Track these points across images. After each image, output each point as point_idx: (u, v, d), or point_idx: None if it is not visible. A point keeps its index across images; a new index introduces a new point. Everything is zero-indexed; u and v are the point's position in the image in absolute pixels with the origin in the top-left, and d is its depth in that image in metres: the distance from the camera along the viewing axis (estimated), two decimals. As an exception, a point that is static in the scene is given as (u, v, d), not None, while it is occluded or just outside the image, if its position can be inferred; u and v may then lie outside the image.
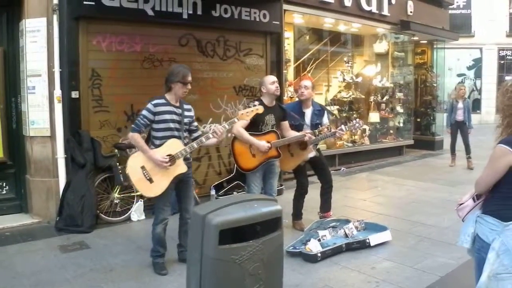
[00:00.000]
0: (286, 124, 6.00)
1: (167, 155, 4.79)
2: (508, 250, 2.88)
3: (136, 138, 4.83)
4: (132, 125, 4.94)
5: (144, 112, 4.84)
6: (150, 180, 4.82)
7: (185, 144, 4.92)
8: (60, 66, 6.63)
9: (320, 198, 6.69)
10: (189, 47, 7.97)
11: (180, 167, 4.90)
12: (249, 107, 5.28)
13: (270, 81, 5.78)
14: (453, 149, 11.94)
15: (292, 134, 5.99)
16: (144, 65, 7.43)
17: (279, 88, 5.83)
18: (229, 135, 5.48)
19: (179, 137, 4.91)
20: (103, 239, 6.18)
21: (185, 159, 4.98)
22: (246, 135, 5.56)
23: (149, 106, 4.83)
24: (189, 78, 4.95)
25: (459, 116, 11.59)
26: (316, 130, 6.13)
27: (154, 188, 4.85)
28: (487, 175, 3.01)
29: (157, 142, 4.88)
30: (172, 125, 4.87)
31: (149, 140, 4.96)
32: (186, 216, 5.11)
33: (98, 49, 6.97)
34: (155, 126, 4.86)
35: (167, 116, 4.85)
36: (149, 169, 4.81)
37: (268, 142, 5.63)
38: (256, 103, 5.46)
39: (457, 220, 3.29)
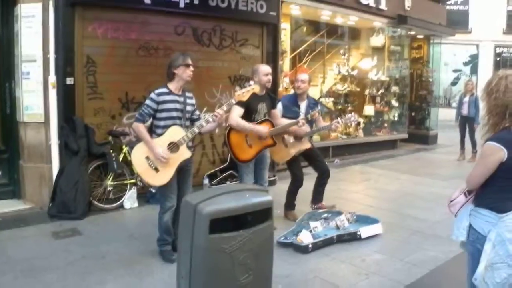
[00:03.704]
0: (276, 112, 6.01)
1: (169, 143, 4.81)
2: (503, 240, 2.93)
3: (140, 128, 4.84)
4: (136, 115, 4.96)
5: (147, 101, 4.85)
6: (156, 169, 4.83)
7: (187, 131, 4.93)
8: (55, 52, 6.59)
9: (314, 189, 6.71)
10: (185, 35, 7.97)
11: (184, 153, 4.92)
12: (244, 87, 5.26)
13: (265, 72, 5.76)
14: (461, 144, 12.06)
15: (284, 121, 6.01)
16: (140, 52, 7.42)
17: (271, 80, 5.83)
18: (224, 124, 5.48)
19: (181, 126, 4.93)
20: (95, 226, 6.19)
21: (188, 147, 5.00)
22: (244, 123, 5.57)
23: (152, 95, 4.84)
24: (190, 61, 4.96)
25: (464, 110, 11.72)
26: (308, 115, 6.12)
27: (160, 177, 4.86)
28: (478, 172, 3.04)
29: (159, 131, 4.89)
30: (174, 114, 4.89)
31: (151, 129, 4.97)
32: None
33: (94, 35, 6.95)
34: (158, 115, 4.86)
35: (170, 105, 4.86)
36: (154, 159, 4.81)
37: None
38: (251, 82, 5.44)
39: (449, 215, 3.32)
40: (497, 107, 2.97)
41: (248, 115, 5.62)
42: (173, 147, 4.82)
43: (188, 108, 5.03)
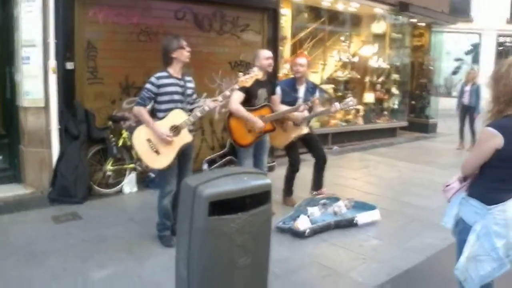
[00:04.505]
0: (276, 98, 6.03)
1: (171, 126, 4.83)
2: (488, 233, 2.92)
3: (141, 111, 4.87)
4: (137, 99, 4.97)
5: (147, 85, 4.87)
6: (157, 152, 4.86)
7: (189, 115, 4.96)
8: (56, 37, 6.56)
9: (313, 175, 6.74)
10: (186, 20, 7.95)
11: (186, 137, 4.94)
12: (248, 73, 5.28)
13: (265, 56, 5.80)
14: (460, 133, 12.07)
15: (283, 107, 6.03)
16: (140, 37, 7.41)
17: (272, 64, 5.86)
18: (223, 110, 5.51)
19: (182, 109, 4.94)
20: (95, 210, 6.23)
21: (189, 130, 5.03)
22: (243, 111, 5.60)
23: (152, 79, 4.86)
24: (184, 42, 4.97)
25: (465, 99, 11.72)
26: (309, 102, 6.15)
27: (161, 160, 4.89)
28: (473, 157, 3.04)
29: (161, 114, 4.91)
30: (176, 97, 4.91)
31: (153, 113, 4.98)
32: None
33: (94, 20, 6.94)
34: (159, 98, 4.88)
35: (171, 88, 4.88)
36: (155, 141, 4.85)
37: (263, 116, 5.71)
38: (255, 69, 5.45)
39: (446, 202, 3.34)
40: (505, 94, 2.91)
41: (248, 100, 5.65)
42: (175, 130, 4.84)
43: (188, 91, 5.05)
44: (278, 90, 6.25)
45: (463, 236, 3.06)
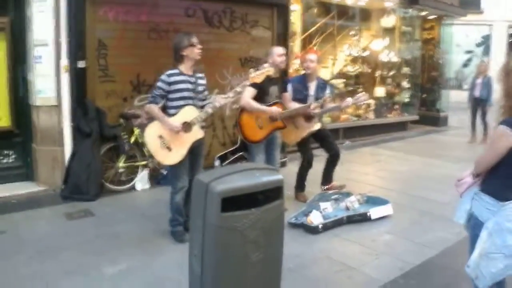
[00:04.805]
0: (287, 95, 6.05)
1: (183, 123, 4.86)
2: (501, 230, 2.89)
3: (153, 108, 4.91)
4: (148, 97, 5.02)
5: (159, 83, 4.90)
6: (169, 148, 4.90)
7: (200, 111, 4.98)
8: (67, 36, 6.63)
9: (324, 171, 6.74)
10: (196, 18, 7.96)
11: (197, 133, 4.98)
12: (259, 69, 5.30)
13: (279, 53, 5.81)
14: (472, 126, 12.01)
15: (294, 105, 6.03)
16: (151, 35, 7.43)
17: (285, 61, 5.87)
18: (234, 106, 5.52)
19: (193, 106, 4.97)
20: (107, 207, 6.27)
21: (201, 127, 5.06)
22: (256, 104, 5.61)
23: (163, 77, 4.89)
24: (195, 39, 4.98)
25: (476, 92, 11.66)
26: (320, 100, 6.15)
27: (172, 156, 4.93)
28: (487, 155, 3.00)
29: (172, 111, 4.94)
30: (186, 94, 4.93)
31: (164, 111, 5.00)
32: None
33: (105, 19, 6.97)
34: (170, 96, 4.91)
35: (182, 86, 4.90)
36: (167, 138, 4.88)
37: None
38: (266, 65, 5.45)
39: (459, 196, 3.32)
40: None
41: (260, 97, 5.64)
42: (186, 126, 4.87)
43: (199, 88, 5.07)
44: (289, 87, 6.26)
45: (475, 231, 3.05)
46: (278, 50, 5.89)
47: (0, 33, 6.68)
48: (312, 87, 6.44)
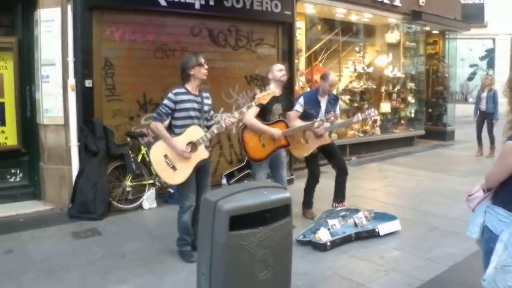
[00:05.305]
0: (291, 113, 6.06)
1: (188, 143, 4.86)
2: None
3: (158, 127, 4.90)
4: (154, 115, 5.03)
5: (165, 101, 4.91)
6: (174, 168, 4.89)
7: (206, 131, 4.99)
8: (74, 55, 6.70)
9: (335, 187, 6.69)
10: (201, 36, 8.01)
11: (203, 153, 4.99)
12: (265, 90, 5.32)
13: (278, 68, 5.87)
14: (479, 140, 11.99)
15: (298, 123, 6.05)
16: (157, 54, 7.49)
17: (285, 75, 5.91)
18: (239, 124, 5.54)
19: (199, 125, 4.98)
20: (115, 226, 6.27)
21: (206, 146, 5.07)
22: (258, 124, 5.62)
23: (170, 95, 4.90)
24: (202, 59, 5.01)
25: (482, 105, 11.68)
26: (324, 118, 6.15)
27: (177, 176, 4.92)
28: (496, 171, 2.97)
29: (177, 130, 4.94)
30: (192, 113, 4.94)
31: (169, 129, 5.01)
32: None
33: (111, 38, 7.04)
34: (176, 114, 4.92)
35: (188, 105, 4.91)
36: (172, 157, 4.88)
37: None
38: (272, 86, 5.51)
39: (467, 211, 3.30)
40: None
41: (263, 115, 5.66)
42: (192, 146, 4.87)
43: (206, 108, 5.08)
44: (301, 100, 6.33)
45: (489, 244, 3.01)
46: (278, 65, 5.96)
47: (8, 53, 6.77)
48: (323, 102, 6.48)
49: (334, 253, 5.32)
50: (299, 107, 6.34)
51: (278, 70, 5.83)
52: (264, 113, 5.65)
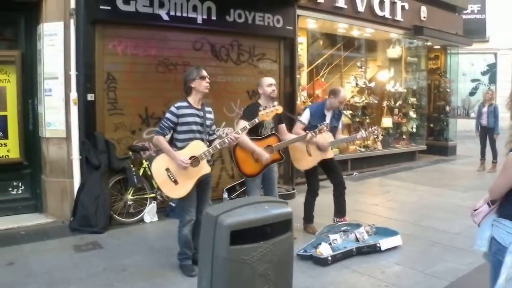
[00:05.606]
0: (283, 127, 6.04)
1: (190, 157, 4.87)
2: None
3: (160, 140, 4.93)
4: (156, 128, 5.05)
5: (167, 115, 4.94)
6: (175, 182, 4.90)
7: (208, 146, 5.01)
8: (77, 69, 6.74)
9: (334, 203, 6.69)
10: (203, 51, 8.07)
11: (204, 168, 5.00)
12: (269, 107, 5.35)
13: (267, 83, 5.82)
14: (481, 154, 12.01)
15: (291, 136, 6.04)
16: (159, 68, 7.53)
17: (275, 91, 5.87)
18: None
19: (201, 139, 5.00)
20: (116, 240, 6.26)
21: (207, 161, 5.07)
22: (249, 142, 5.58)
23: (172, 109, 4.93)
24: (204, 73, 5.03)
25: (483, 120, 11.72)
26: (316, 130, 6.07)
27: (179, 190, 4.93)
28: (500, 183, 2.98)
29: (179, 144, 4.96)
30: (194, 127, 4.96)
31: (171, 143, 5.03)
32: (201, 219, 5.14)
33: (114, 52, 7.09)
34: (178, 128, 4.94)
35: (190, 119, 4.94)
36: (174, 171, 4.89)
37: (270, 145, 5.70)
38: (276, 103, 5.52)
39: (469, 226, 3.31)
40: None
41: (255, 130, 5.62)
42: (194, 161, 4.88)
43: (208, 122, 5.10)
44: (307, 113, 6.41)
45: (497, 257, 3.00)
46: (267, 80, 5.89)
47: (11, 66, 6.81)
48: (329, 116, 6.51)
49: (335, 268, 5.30)
50: (305, 119, 6.38)
51: (268, 85, 5.78)
52: (256, 128, 5.61)
